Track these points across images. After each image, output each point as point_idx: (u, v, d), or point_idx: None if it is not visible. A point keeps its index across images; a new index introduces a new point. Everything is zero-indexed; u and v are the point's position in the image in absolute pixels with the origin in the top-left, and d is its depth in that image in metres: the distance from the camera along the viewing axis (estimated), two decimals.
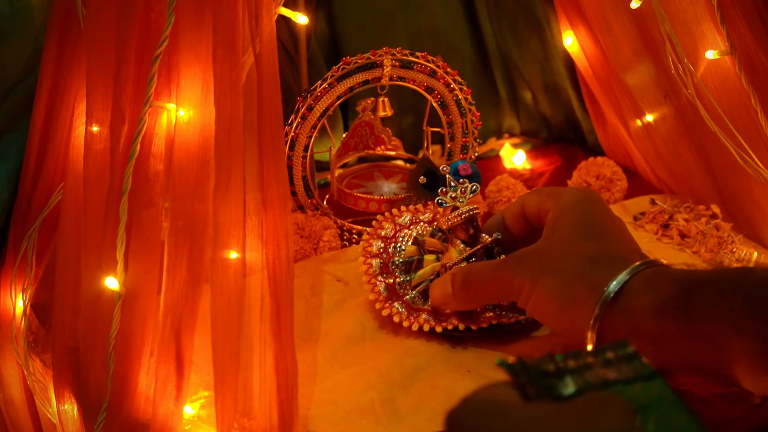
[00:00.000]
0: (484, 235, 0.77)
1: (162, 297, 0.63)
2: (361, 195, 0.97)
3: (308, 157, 0.94)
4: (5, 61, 0.83)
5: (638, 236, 0.96)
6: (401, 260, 0.79)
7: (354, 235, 0.96)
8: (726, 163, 0.88)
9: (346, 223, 0.96)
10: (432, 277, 0.78)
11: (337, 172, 1.02)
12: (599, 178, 1.03)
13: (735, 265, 0.85)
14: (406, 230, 0.81)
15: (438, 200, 0.79)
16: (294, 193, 0.95)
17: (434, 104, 0.98)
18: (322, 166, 1.06)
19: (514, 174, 1.11)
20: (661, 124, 0.97)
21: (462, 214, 0.77)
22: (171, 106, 0.65)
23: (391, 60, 0.92)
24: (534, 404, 0.42)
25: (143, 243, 0.65)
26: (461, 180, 0.80)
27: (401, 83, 0.95)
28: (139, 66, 0.67)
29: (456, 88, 0.97)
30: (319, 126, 0.93)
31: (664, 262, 0.68)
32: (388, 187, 1.01)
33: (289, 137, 0.92)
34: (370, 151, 1.04)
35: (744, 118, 0.83)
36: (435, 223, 0.81)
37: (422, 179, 0.80)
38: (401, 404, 0.71)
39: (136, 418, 0.64)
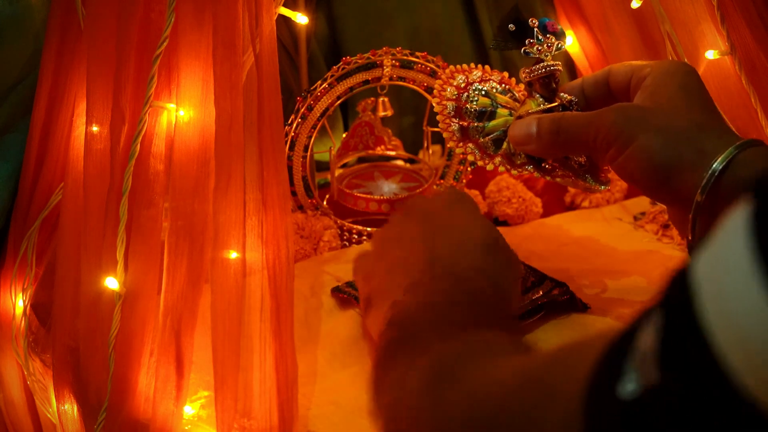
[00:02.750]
0: (563, 93, 0.76)
1: (162, 297, 0.63)
2: (361, 195, 0.97)
3: (308, 157, 0.94)
4: (5, 61, 0.83)
5: (638, 236, 0.97)
6: (475, 108, 0.78)
7: (354, 235, 0.96)
8: None
9: (346, 223, 0.96)
10: (504, 128, 0.77)
11: (337, 172, 1.02)
12: None
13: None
14: (477, 84, 0.80)
15: (524, 50, 0.77)
16: (294, 193, 0.95)
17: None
18: (322, 166, 1.06)
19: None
20: None
21: (546, 66, 0.76)
22: (171, 106, 0.65)
23: (391, 60, 0.92)
24: None
25: (143, 243, 0.65)
26: (548, 35, 0.79)
27: (401, 83, 0.95)
28: (139, 66, 0.66)
29: None
30: (319, 126, 0.93)
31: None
32: (388, 187, 1.01)
33: (289, 137, 0.92)
34: (370, 151, 1.04)
35: (744, 118, 0.83)
36: (504, 85, 0.81)
37: (512, 27, 0.79)
38: None
39: (136, 418, 0.64)
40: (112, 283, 0.65)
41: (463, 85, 0.80)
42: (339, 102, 0.93)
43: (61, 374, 0.71)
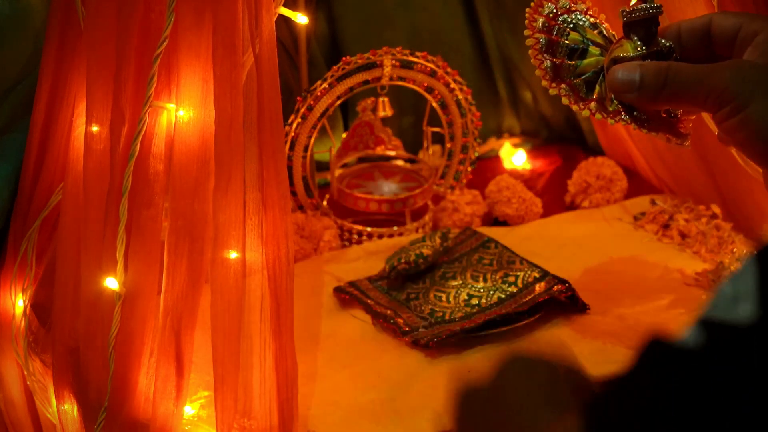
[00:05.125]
0: (661, 39, 0.69)
1: (162, 297, 0.63)
2: (361, 195, 0.97)
3: (308, 157, 0.94)
4: (5, 61, 0.83)
5: (638, 236, 0.97)
6: (566, 44, 0.73)
7: (354, 235, 0.96)
8: (726, 163, 0.88)
9: (346, 223, 0.96)
10: (596, 70, 0.71)
11: (337, 172, 1.02)
12: (599, 178, 1.03)
13: (735, 266, 0.84)
14: (565, 16, 0.74)
15: None
16: (294, 193, 0.95)
17: (434, 104, 0.98)
18: (322, 166, 1.06)
19: (514, 174, 1.11)
20: None
21: (650, 8, 0.69)
22: (171, 106, 0.65)
23: (391, 60, 0.92)
24: None
25: (143, 243, 0.64)
26: None
27: (401, 83, 0.95)
28: (139, 66, 0.66)
29: (456, 88, 0.97)
30: (319, 126, 0.93)
31: None
32: (388, 187, 1.01)
33: (289, 137, 0.92)
34: (370, 151, 1.04)
35: None
36: (590, 16, 0.74)
37: None
38: (401, 404, 0.71)
39: (136, 418, 0.64)
40: (112, 283, 0.65)
41: (551, 16, 0.74)
42: (339, 102, 0.93)
43: (61, 374, 0.71)
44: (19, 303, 0.80)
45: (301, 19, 0.78)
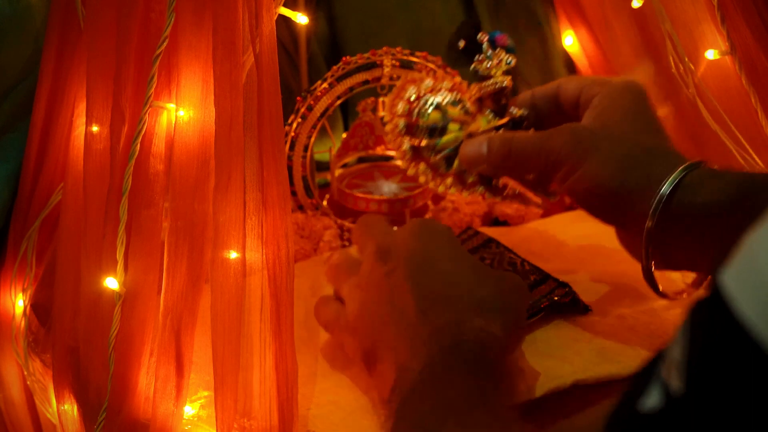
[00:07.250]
0: (513, 108, 0.76)
1: (162, 297, 0.63)
2: (361, 195, 0.97)
3: (308, 157, 0.94)
4: (5, 61, 0.83)
5: None
6: (426, 125, 0.78)
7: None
8: (727, 162, 0.88)
9: (346, 223, 0.96)
10: (456, 145, 0.77)
11: (337, 172, 1.02)
12: None
13: None
14: (428, 95, 0.79)
15: (473, 67, 0.78)
16: (294, 193, 0.95)
17: None
18: (322, 166, 1.06)
19: None
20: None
21: (495, 83, 0.75)
22: (171, 106, 0.65)
23: (391, 60, 0.92)
24: None
25: (143, 243, 0.64)
26: (498, 50, 0.79)
27: None
28: (139, 66, 0.66)
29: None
30: (319, 126, 0.93)
31: (714, 166, 0.67)
32: (388, 187, 1.01)
33: (289, 137, 0.92)
34: (370, 151, 1.04)
35: (744, 118, 0.83)
36: (456, 93, 0.80)
37: (461, 43, 0.79)
38: None
39: (136, 418, 0.64)
40: (112, 283, 0.65)
41: (413, 99, 0.79)
42: (339, 102, 0.93)
43: (61, 374, 0.71)
44: (19, 303, 0.80)
45: (301, 19, 0.78)
